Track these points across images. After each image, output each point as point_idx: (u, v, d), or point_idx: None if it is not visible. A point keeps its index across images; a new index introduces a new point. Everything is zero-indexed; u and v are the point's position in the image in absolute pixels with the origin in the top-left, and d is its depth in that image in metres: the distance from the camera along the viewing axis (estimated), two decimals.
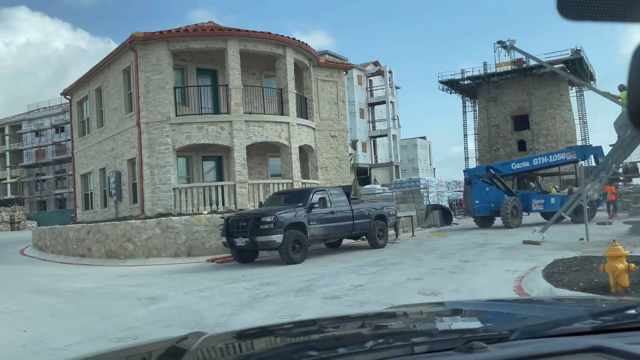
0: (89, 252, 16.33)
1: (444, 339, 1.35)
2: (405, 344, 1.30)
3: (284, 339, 1.73)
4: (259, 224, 12.52)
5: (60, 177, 60.94)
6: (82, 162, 23.45)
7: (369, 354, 1.24)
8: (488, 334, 1.31)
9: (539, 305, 2.02)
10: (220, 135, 17.70)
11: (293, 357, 1.30)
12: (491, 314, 1.91)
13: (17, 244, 24.16)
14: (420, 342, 1.31)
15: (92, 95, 21.88)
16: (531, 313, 1.76)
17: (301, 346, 1.52)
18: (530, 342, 1.26)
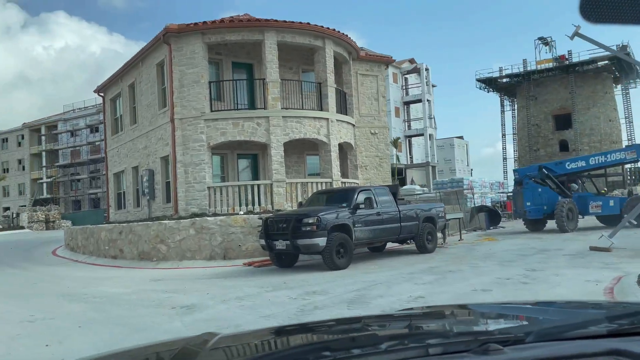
0: (121, 254, 15.65)
1: (459, 340, 1.34)
2: (420, 346, 1.30)
3: (299, 339, 1.72)
4: (300, 225, 11.54)
5: (94, 177, 61.44)
6: (115, 160, 22.96)
7: (384, 355, 1.25)
8: (504, 336, 1.32)
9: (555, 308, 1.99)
10: (257, 132, 16.82)
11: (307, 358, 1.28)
12: (507, 316, 1.89)
13: (50, 243, 23.84)
14: (434, 344, 1.31)
15: (125, 92, 21.34)
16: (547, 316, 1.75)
17: (315, 347, 1.54)
18: (547, 345, 1.26)
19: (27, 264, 16.68)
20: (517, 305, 2.14)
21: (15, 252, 20.53)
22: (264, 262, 13.27)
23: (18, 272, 14.63)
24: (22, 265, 16.26)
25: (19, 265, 16.10)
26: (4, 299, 10.13)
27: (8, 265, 16.21)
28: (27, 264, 16.48)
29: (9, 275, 13.94)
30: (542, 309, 1.95)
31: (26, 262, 17.04)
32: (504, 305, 2.21)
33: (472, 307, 2.21)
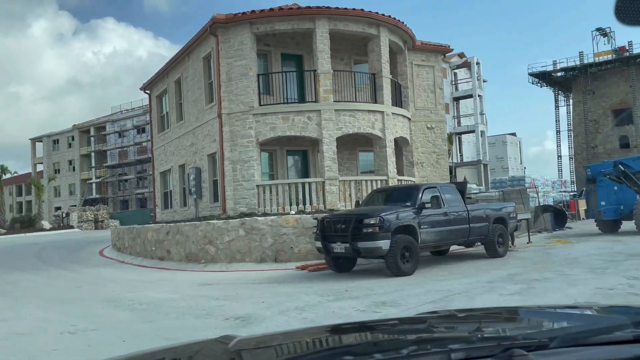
0: (168, 255, 14.97)
1: (482, 345, 1.33)
2: (442, 351, 1.29)
3: (320, 343, 1.70)
4: (361, 226, 10.44)
5: (141, 177, 62.21)
6: (161, 159, 22.49)
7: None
8: (527, 342, 1.30)
9: (580, 313, 1.92)
10: (308, 127, 15.82)
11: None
12: (530, 321, 1.87)
13: (98, 243, 23.63)
14: (457, 349, 1.29)
15: (171, 88, 20.79)
16: (571, 320, 1.73)
17: (337, 350, 1.53)
18: (571, 351, 1.25)
19: (73, 264, 16.26)
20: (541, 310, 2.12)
21: (63, 252, 20.30)
22: (319, 266, 12.25)
23: (64, 273, 14.14)
24: (69, 266, 15.83)
25: (65, 266, 15.67)
26: (46, 305, 9.49)
27: (55, 266, 15.81)
28: (73, 265, 16.05)
29: (54, 277, 13.45)
30: (567, 313, 1.90)
31: (72, 263, 16.63)
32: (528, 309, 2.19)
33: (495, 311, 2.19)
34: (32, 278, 13.35)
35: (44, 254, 20.22)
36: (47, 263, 16.90)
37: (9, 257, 19.45)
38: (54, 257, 18.76)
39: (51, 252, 20.85)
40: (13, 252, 21.39)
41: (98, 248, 21.28)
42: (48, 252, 20.62)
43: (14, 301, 10.01)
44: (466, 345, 1.35)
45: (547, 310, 2.05)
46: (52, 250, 21.36)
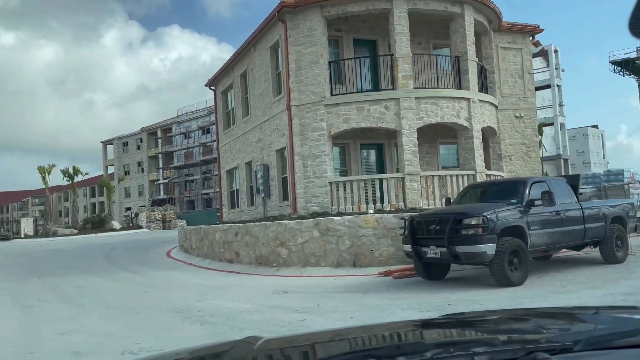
0: (237, 257, 13.98)
1: (506, 349, 1.33)
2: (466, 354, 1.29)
3: (343, 345, 1.69)
4: (460, 227, 8.90)
5: (206, 178, 62.86)
6: (227, 156, 21.73)
7: None
8: (551, 345, 1.30)
9: (604, 315, 1.86)
10: (385, 117, 14.38)
11: None
12: (554, 323, 1.82)
13: (165, 244, 23.23)
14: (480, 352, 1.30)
15: (237, 82, 19.94)
16: (596, 323, 1.70)
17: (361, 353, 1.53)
18: (596, 354, 1.24)
19: (140, 266, 15.64)
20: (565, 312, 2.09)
21: (131, 253, 19.91)
22: (405, 272, 10.79)
23: (130, 276, 13.45)
24: (136, 268, 15.20)
25: (132, 269, 15.05)
26: (110, 314, 8.60)
27: (122, 269, 15.23)
28: (140, 267, 15.42)
29: (120, 281, 12.75)
30: (591, 316, 1.84)
31: (140, 265, 16.03)
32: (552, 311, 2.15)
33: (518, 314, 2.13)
34: (98, 282, 12.72)
35: (113, 254, 19.92)
36: (115, 264, 16.41)
37: (79, 258, 19.26)
38: (122, 258, 18.34)
39: (120, 253, 20.55)
40: (83, 253, 21.30)
41: (165, 249, 20.78)
42: (116, 253, 20.32)
43: (78, 309, 9.24)
44: (489, 349, 1.33)
45: (571, 313, 2.01)
46: (121, 251, 21.08)
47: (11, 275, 14.88)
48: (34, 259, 19.80)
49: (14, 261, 19.53)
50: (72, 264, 17.31)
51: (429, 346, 1.49)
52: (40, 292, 11.57)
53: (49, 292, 11.48)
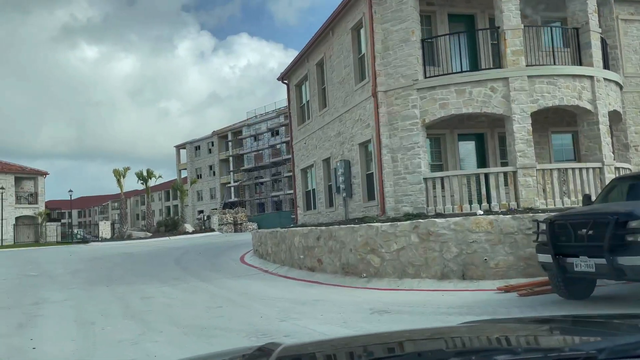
0: (320, 265, 12.27)
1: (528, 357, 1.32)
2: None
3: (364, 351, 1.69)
4: (626, 232, 6.67)
5: (276, 180, 62.22)
6: (301, 154, 20.19)
7: None
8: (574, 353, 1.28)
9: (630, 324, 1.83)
10: (491, 100, 12.20)
11: None
12: (578, 331, 1.80)
13: (238, 247, 22.03)
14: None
15: (313, 72, 18.33)
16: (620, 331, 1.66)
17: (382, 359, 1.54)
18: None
19: (213, 273, 14.31)
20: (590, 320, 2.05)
21: (204, 258, 18.77)
22: (535, 288, 8.62)
23: (203, 286, 12.07)
24: (209, 276, 13.87)
25: (205, 276, 13.73)
26: (178, 337, 7.09)
27: (194, 276, 13.95)
28: (213, 274, 14.08)
29: (192, 291, 11.37)
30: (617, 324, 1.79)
31: (213, 272, 14.71)
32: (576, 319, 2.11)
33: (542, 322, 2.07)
34: (168, 292, 11.41)
35: (185, 259, 18.87)
36: (187, 271, 15.20)
37: (150, 263, 18.34)
38: (194, 263, 17.18)
39: (192, 257, 19.49)
40: (155, 258, 20.47)
41: (239, 253, 19.51)
42: (189, 258, 19.27)
43: (143, 328, 7.84)
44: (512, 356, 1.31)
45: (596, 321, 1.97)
46: (193, 256, 20.03)
47: (82, 283, 14.00)
48: (106, 264, 19.12)
49: (87, 266, 18.93)
50: (143, 269, 16.32)
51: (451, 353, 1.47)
52: (106, 303, 10.40)
53: (115, 303, 10.27)
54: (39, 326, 8.45)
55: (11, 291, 12.98)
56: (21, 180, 48.54)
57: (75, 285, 13.50)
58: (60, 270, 17.69)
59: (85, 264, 19.74)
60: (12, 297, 11.95)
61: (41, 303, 10.75)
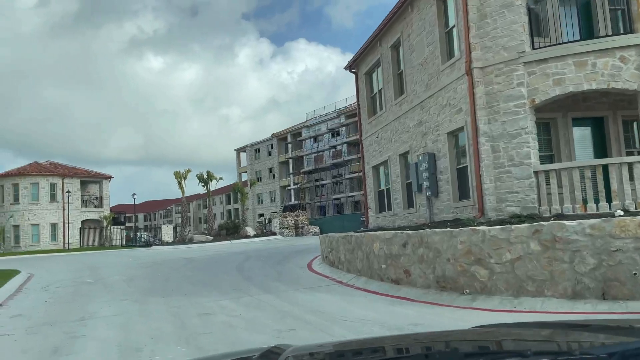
0: (407, 277, 10.22)
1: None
2: None
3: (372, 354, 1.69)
4: None
5: (337, 182, 60.46)
6: (373, 149, 18.20)
7: None
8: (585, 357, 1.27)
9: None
10: (621, 73, 9.77)
11: None
12: (587, 335, 1.75)
13: (303, 253, 20.32)
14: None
15: (387, 56, 16.32)
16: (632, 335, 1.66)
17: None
18: None
19: (280, 284, 12.57)
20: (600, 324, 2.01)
21: (267, 265, 17.14)
22: None
23: (269, 300, 10.32)
24: (274, 286, 12.14)
25: (270, 287, 12.01)
26: None
27: (258, 286, 12.26)
28: (280, 285, 12.34)
29: (256, 307, 9.63)
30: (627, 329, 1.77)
31: (279, 282, 12.98)
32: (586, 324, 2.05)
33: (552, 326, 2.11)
34: (230, 307, 9.74)
35: (247, 266, 17.31)
36: (250, 280, 13.56)
37: (211, 270, 16.90)
38: (257, 271, 15.55)
39: (255, 263, 17.91)
40: (215, 263, 19.06)
41: (305, 260, 17.75)
42: (251, 264, 17.70)
43: (196, 353, 6.17)
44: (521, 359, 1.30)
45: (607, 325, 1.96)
46: (256, 262, 18.47)
47: (136, 292, 12.66)
48: (164, 270, 17.88)
49: (144, 272, 17.76)
50: (203, 277, 14.85)
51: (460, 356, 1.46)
52: (159, 320, 8.85)
53: (169, 321, 8.68)
54: (75, 352, 6.95)
55: (61, 302, 11.78)
56: (86, 184, 49.34)
57: (129, 295, 12.15)
58: (117, 276, 16.57)
59: (143, 270, 18.62)
60: (60, 309, 10.70)
61: (87, 319, 9.36)
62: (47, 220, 44.50)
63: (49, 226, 44.65)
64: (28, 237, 43.75)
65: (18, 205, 44.03)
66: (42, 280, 17.09)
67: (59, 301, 11.88)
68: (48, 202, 44.87)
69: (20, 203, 44.01)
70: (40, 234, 44.15)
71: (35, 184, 44.33)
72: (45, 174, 45.30)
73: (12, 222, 43.59)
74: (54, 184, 45.30)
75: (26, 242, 43.48)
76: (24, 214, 43.96)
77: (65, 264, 24.52)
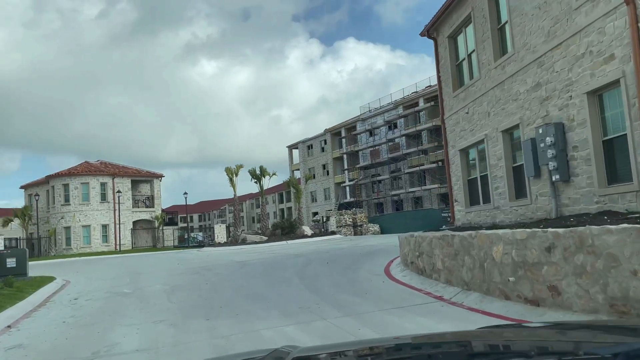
0: (554, 297, 6.98)
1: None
2: None
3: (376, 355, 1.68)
4: None
5: (395, 177, 56.93)
6: (460, 129, 14.93)
7: None
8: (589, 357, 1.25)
9: None
10: None
11: None
12: (591, 336, 1.69)
13: (372, 255, 17.31)
14: None
15: (481, 8, 13.02)
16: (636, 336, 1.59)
17: None
18: None
19: (357, 299, 9.59)
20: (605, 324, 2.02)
21: (334, 271, 14.20)
22: None
23: (348, 325, 7.33)
24: (350, 303, 9.16)
25: (345, 304, 9.05)
26: None
27: (329, 303, 9.31)
28: (357, 301, 9.35)
29: (335, 337, 6.65)
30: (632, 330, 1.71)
31: (355, 295, 10.00)
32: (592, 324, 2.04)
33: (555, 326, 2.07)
34: (297, 337, 6.83)
35: (310, 272, 14.45)
36: (318, 293, 10.65)
37: (267, 278, 14.15)
38: (325, 280, 12.63)
39: (319, 269, 15.03)
40: (273, 268, 16.31)
41: (378, 264, 14.72)
42: (315, 270, 14.83)
43: None
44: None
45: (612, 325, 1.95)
46: (320, 267, 15.59)
47: (176, 309, 10.05)
48: (213, 278, 15.30)
49: (190, 280, 15.24)
50: (258, 289, 12.07)
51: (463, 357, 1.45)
52: (197, 354, 6.10)
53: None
54: None
55: (82, 323, 9.29)
56: (137, 184, 48.12)
57: (167, 314, 9.52)
58: (158, 286, 14.12)
59: (190, 276, 16.13)
60: (75, 335, 8.18)
61: (103, 356, 6.72)
62: (98, 221, 43.46)
63: (100, 227, 43.59)
64: (79, 239, 42.83)
65: (69, 206, 43.15)
66: (75, 289, 14.90)
67: (79, 322, 9.40)
68: (99, 202, 43.83)
69: (70, 204, 43.13)
70: (92, 236, 43.15)
71: (86, 184, 43.34)
72: (95, 173, 44.25)
73: (63, 223, 42.79)
74: (105, 183, 44.23)
75: (77, 244, 42.56)
76: (75, 215, 43.06)
77: (109, 268, 22.56)
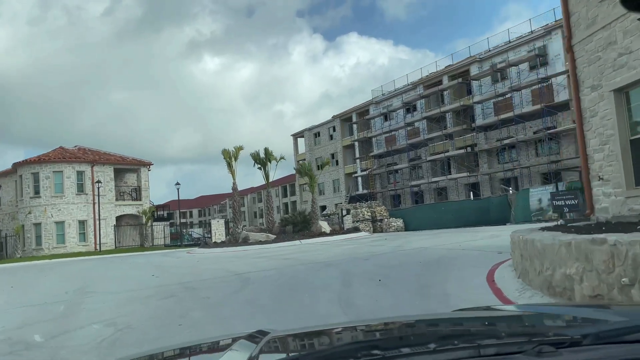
0: None
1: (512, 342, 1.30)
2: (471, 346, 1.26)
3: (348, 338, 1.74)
4: None
5: (415, 166, 50.84)
6: (615, 54, 8.89)
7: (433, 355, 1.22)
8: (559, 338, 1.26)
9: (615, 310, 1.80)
10: None
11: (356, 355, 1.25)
12: (563, 317, 1.79)
13: (441, 264, 11.33)
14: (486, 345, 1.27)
15: None
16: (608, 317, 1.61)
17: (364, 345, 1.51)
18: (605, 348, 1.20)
19: None
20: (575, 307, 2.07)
21: (405, 299, 8.09)
22: None
23: None
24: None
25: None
26: None
27: None
28: None
29: None
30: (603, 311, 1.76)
31: None
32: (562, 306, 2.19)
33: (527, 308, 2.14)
34: None
35: (360, 301, 8.43)
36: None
37: (285, 314, 8.13)
38: (390, 314, 6.58)
39: (371, 293, 8.99)
40: (293, 289, 10.24)
41: (466, 280, 8.66)
42: (365, 295, 8.80)
43: None
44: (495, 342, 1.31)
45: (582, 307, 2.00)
46: (370, 288, 9.51)
47: None
48: (195, 305, 9.30)
49: (154, 311, 9.23)
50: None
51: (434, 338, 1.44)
52: None
53: None
54: None
55: None
56: (122, 173, 42.04)
57: None
58: (96, 326, 8.09)
59: (156, 303, 10.09)
60: None
61: None
62: (74, 216, 37.39)
63: (77, 224, 37.52)
64: (51, 237, 36.76)
65: (39, 199, 36.95)
66: None
67: None
68: (75, 194, 37.76)
69: (41, 196, 36.94)
70: (66, 234, 37.11)
71: (59, 172, 37.12)
72: (70, 160, 37.99)
73: (32, 219, 36.70)
74: (82, 172, 38.08)
75: (49, 243, 36.53)
76: (46, 209, 36.94)
77: (60, 281, 16.56)
